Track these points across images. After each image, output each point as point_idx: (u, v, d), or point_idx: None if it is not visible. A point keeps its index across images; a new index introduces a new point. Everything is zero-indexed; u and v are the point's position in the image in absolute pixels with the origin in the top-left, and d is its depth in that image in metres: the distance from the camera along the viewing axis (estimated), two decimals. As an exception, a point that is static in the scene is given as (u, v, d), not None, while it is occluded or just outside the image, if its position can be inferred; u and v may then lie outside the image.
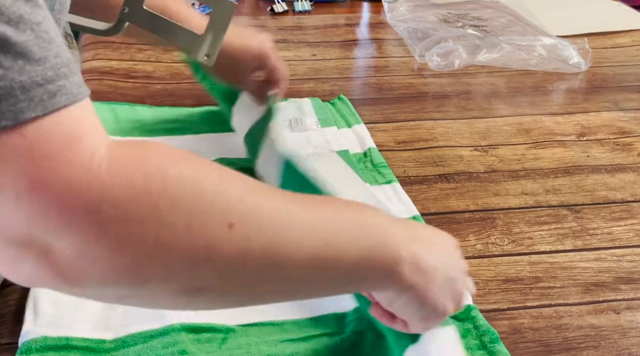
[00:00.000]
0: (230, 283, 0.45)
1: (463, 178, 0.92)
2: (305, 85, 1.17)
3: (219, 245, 0.42)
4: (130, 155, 0.42)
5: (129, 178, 0.41)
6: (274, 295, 0.49)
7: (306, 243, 0.47)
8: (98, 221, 0.39)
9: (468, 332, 0.65)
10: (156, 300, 0.45)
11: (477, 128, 1.05)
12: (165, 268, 0.42)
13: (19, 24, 0.38)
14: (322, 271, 0.48)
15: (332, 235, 0.48)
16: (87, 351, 0.61)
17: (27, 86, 0.38)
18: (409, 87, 1.19)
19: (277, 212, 0.46)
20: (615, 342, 0.66)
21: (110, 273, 0.41)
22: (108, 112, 1.00)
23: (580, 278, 0.75)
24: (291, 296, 0.52)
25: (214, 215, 0.42)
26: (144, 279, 0.42)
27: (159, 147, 0.44)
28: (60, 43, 0.40)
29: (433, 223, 0.82)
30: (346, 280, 0.51)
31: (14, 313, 0.66)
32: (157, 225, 0.40)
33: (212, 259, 0.43)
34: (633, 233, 0.82)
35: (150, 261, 0.41)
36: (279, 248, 0.45)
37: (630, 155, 1.00)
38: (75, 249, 0.40)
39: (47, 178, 0.38)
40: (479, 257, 0.77)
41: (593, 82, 1.24)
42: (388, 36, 1.43)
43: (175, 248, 0.41)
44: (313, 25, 1.46)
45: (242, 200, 0.45)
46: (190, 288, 0.44)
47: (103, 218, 0.39)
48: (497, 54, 1.28)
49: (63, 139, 0.39)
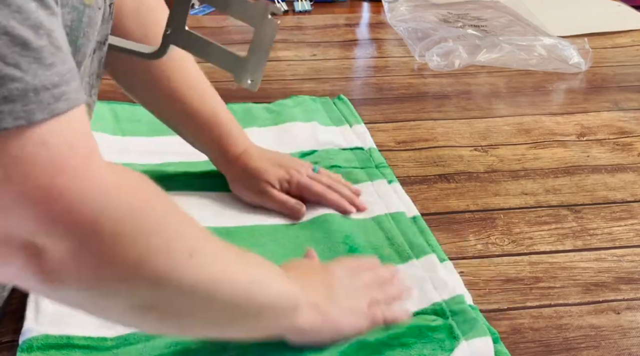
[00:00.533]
0: (177, 306, 0.50)
1: (463, 178, 0.92)
2: (305, 85, 1.17)
3: (180, 270, 0.48)
4: (128, 173, 0.47)
5: (132, 196, 0.45)
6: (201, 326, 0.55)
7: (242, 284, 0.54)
8: (98, 231, 0.42)
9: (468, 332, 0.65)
10: (109, 309, 0.49)
11: (477, 128, 1.05)
12: (134, 284, 0.46)
13: (39, 30, 0.40)
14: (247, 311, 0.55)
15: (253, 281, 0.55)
16: (88, 349, 0.61)
17: (39, 89, 0.39)
18: (409, 87, 1.19)
19: (224, 252, 0.55)
20: (615, 342, 0.66)
21: (90, 280, 0.44)
22: (108, 111, 1.00)
23: (580, 279, 0.75)
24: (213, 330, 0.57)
25: (182, 243, 0.49)
26: (112, 291, 0.46)
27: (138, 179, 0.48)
28: (67, 51, 0.42)
29: (433, 223, 0.82)
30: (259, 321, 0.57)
31: (15, 311, 0.66)
32: (142, 247, 0.45)
33: (172, 282, 0.48)
34: (633, 233, 0.82)
35: (125, 277, 0.45)
36: (222, 284, 0.52)
37: (630, 155, 1.00)
38: (69, 254, 0.42)
39: (56, 184, 0.40)
40: (479, 257, 0.77)
41: (593, 82, 1.24)
42: (388, 36, 1.43)
43: (147, 269, 0.46)
44: (313, 25, 1.46)
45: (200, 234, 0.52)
46: (143, 306, 0.48)
47: (103, 232, 0.43)
48: (497, 54, 1.28)
49: (65, 144, 0.41)
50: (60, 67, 0.41)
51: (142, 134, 0.95)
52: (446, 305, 0.67)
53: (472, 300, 0.69)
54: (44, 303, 0.64)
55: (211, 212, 0.81)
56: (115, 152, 0.90)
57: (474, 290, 0.71)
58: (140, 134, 0.95)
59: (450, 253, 0.77)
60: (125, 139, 0.94)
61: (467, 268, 0.75)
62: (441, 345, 0.62)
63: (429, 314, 0.66)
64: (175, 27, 0.66)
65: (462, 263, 0.76)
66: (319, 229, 0.78)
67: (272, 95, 1.12)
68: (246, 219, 0.80)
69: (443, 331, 0.64)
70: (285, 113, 1.03)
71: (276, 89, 1.15)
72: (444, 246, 0.77)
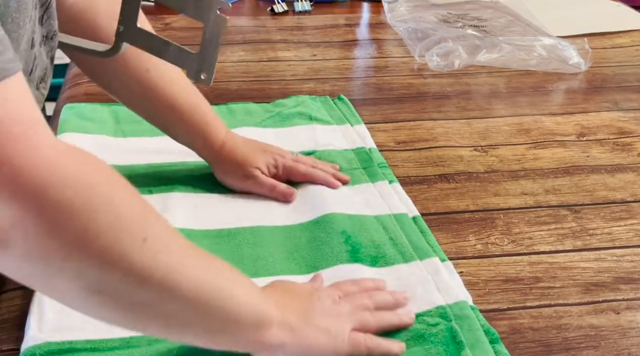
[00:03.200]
0: (127, 294, 0.49)
1: (463, 179, 0.92)
2: (305, 86, 1.17)
3: (131, 253, 0.47)
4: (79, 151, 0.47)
5: (79, 170, 0.45)
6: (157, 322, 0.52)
7: (200, 284, 0.52)
8: (42, 201, 0.43)
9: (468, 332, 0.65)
10: (59, 288, 0.48)
11: (477, 128, 1.05)
12: (80, 262, 0.45)
13: None
14: (205, 315, 0.53)
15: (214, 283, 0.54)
16: (91, 351, 0.61)
17: None
18: (409, 87, 1.19)
19: (185, 247, 0.53)
20: (615, 342, 0.66)
21: (34, 251, 0.44)
22: (108, 113, 1.00)
23: (580, 278, 0.75)
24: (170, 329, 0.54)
25: (134, 225, 0.48)
26: (59, 266, 0.45)
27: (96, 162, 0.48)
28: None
29: (433, 223, 0.82)
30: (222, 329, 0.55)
31: (16, 319, 0.66)
32: (87, 221, 0.45)
33: (121, 264, 0.47)
34: (633, 234, 0.82)
35: (70, 251, 0.45)
36: (178, 277, 0.50)
37: (630, 155, 1.00)
38: (12, 220, 0.43)
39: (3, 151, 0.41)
40: (479, 257, 0.77)
41: (593, 82, 1.24)
42: (388, 36, 1.43)
43: (93, 246, 0.45)
44: (313, 26, 1.46)
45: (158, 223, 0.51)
46: (92, 288, 0.47)
47: (47, 201, 0.43)
48: (497, 54, 1.28)
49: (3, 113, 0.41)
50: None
51: (143, 134, 0.95)
52: (450, 309, 0.67)
53: (472, 300, 0.69)
54: (48, 311, 0.64)
55: (213, 213, 0.81)
56: (117, 153, 0.90)
57: (474, 290, 0.72)
58: (141, 134, 0.95)
59: (450, 253, 0.77)
60: (126, 140, 0.94)
61: (467, 268, 0.75)
62: (445, 348, 0.62)
63: (432, 316, 0.66)
64: (127, 25, 0.66)
65: (462, 263, 0.76)
66: (321, 229, 0.78)
67: (272, 95, 1.12)
68: (247, 220, 0.80)
69: (446, 335, 0.64)
70: (285, 115, 1.03)
71: (276, 89, 1.15)
72: (443, 246, 0.77)
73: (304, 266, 0.74)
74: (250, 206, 0.83)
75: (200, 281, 0.52)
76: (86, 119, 0.97)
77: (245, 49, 1.31)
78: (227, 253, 0.74)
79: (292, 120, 1.02)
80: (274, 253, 0.75)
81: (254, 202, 0.84)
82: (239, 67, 1.24)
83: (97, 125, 0.97)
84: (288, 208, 0.83)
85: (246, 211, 0.82)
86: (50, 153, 0.43)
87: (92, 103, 1.02)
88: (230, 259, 0.73)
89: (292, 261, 0.74)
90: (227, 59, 1.26)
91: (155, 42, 0.67)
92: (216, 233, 0.78)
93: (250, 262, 0.73)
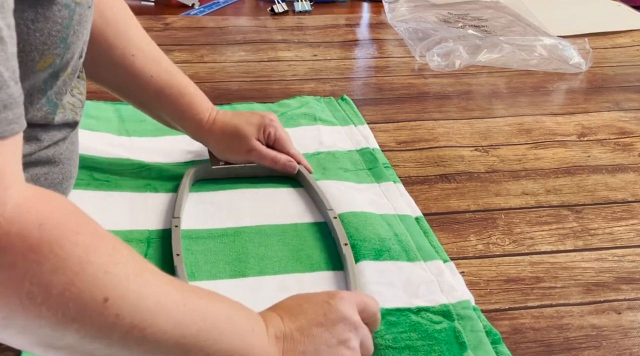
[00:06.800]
0: (89, 347, 0.46)
1: (464, 179, 0.92)
2: (306, 86, 1.17)
3: (89, 314, 0.44)
4: (37, 205, 0.43)
5: (26, 229, 0.42)
6: None
7: (176, 331, 0.48)
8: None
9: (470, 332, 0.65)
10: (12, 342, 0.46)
11: (478, 128, 1.05)
12: (27, 321, 0.43)
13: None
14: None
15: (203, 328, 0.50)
16: None
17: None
18: (410, 88, 1.19)
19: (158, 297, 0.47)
20: (616, 342, 0.66)
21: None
22: (112, 112, 1.01)
23: (581, 278, 0.75)
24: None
25: (92, 287, 0.44)
26: (6, 323, 0.43)
27: (67, 208, 0.46)
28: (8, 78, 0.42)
29: (434, 223, 0.82)
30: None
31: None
32: (32, 283, 0.42)
33: (78, 325, 0.44)
34: (634, 234, 0.82)
35: (15, 310, 0.42)
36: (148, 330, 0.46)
37: (631, 155, 1.00)
38: None
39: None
40: (480, 257, 0.77)
41: (593, 82, 1.24)
42: (388, 36, 1.43)
43: (42, 307, 0.42)
44: (313, 26, 1.46)
45: (126, 279, 0.46)
46: (47, 344, 0.45)
47: None
48: (498, 54, 1.29)
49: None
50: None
51: (147, 134, 0.95)
52: (453, 308, 0.67)
53: (474, 301, 0.69)
54: None
55: (218, 212, 0.81)
56: (121, 150, 0.91)
57: (475, 290, 0.72)
58: (145, 134, 0.95)
59: (451, 253, 0.77)
60: (130, 139, 0.94)
61: (468, 268, 0.75)
62: (448, 347, 0.62)
63: (435, 314, 0.66)
64: None
65: (463, 263, 0.76)
66: (326, 229, 0.79)
67: (273, 96, 1.12)
68: (254, 219, 0.80)
69: (449, 334, 0.64)
70: (290, 115, 1.03)
71: (277, 89, 1.15)
72: (445, 246, 0.77)
73: (309, 265, 0.74)
74: (255, 205, 0.83)
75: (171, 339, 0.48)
76: (90, 117, 0.97)
77: (245, 49, 1.32)
78: (232, 253, 0.74)
79: (297, 121, 1.02)
80: (279, 252, 0.75)
81: (259, 201, 0.84)
82: (240, 67, 1.24)
83: (102, 123, 0.97)
84: (293, 208, 0.83)
85: (251, 210, 0.82)
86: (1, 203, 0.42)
87: (96, 101, 1.02)
88: (235, 258, 0.73)
89: (297, 260, 0.74)
90: (228, 59, 1.26)
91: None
92: (221, 232, 0.78)
93: (256, 261, 0.73)
